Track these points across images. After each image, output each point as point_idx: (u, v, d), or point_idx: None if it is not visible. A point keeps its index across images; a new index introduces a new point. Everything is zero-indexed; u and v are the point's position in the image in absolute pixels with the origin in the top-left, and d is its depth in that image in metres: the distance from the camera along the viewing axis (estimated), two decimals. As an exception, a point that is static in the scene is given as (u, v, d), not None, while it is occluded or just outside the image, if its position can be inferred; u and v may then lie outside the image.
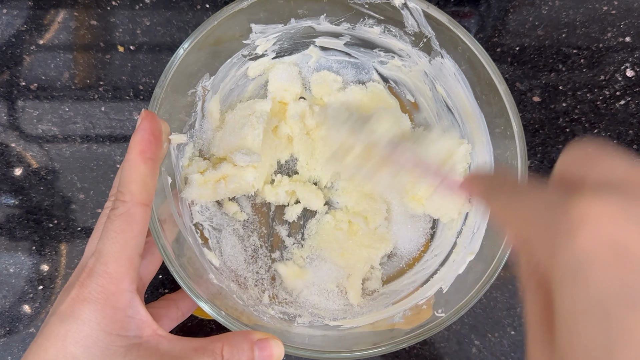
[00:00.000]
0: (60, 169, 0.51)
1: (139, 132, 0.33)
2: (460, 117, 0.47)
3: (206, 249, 0.45)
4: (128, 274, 0.31)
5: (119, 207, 0.31)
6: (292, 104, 0.49)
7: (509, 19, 0.56)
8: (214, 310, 0.36)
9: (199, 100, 0.45)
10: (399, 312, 0.42)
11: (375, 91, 0.50)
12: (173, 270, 0.36)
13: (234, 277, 0.46)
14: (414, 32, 0.44)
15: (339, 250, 0.47)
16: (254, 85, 0.50)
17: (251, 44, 0.46)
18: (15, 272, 0.49)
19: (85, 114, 0.52)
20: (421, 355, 0.48)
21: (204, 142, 0.47)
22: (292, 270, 0.46)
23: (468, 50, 0.41)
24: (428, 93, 0.49)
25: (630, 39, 0.56)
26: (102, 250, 0.31)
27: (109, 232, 0.31)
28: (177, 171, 0.44)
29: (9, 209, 0.50)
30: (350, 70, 0.52)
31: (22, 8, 0.55)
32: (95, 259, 0.31)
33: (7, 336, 0.48)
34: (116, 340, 0.30)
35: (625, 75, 0.55)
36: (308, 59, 0.51)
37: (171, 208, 0.41)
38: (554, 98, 0.54)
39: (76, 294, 0.30)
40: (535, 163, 0.53)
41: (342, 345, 0.40)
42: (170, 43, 0.54)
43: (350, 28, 0.47)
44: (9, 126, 0.52)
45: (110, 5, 0.55)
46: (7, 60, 0.53)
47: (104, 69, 0.54)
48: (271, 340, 0.33)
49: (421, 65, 0.47)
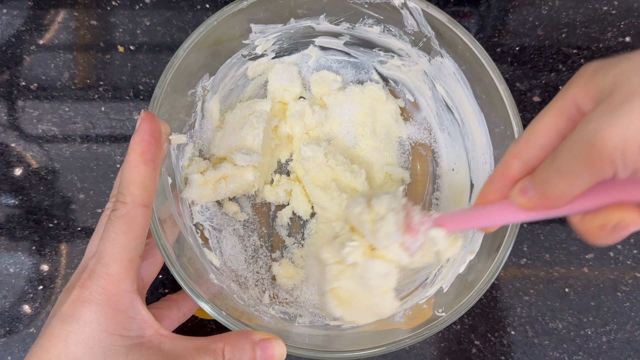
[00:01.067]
0: (60, 169, 0.51)
1: (139, 133, 0.33)
2: (460, 116, 0.47)
3: (207, 249, 0.45)
4: (129, 275, 0.31)
5: (119, 208, 0.31)
6: (292, 103, 0.49)
7: (509, 19, 0.56)
8: (214, 310, 0.36)
9: (199, 101, 0.45)
10: (399, 312, 0.42)
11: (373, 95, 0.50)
12: (174, 271, 0.36)
13: (235, 277, 0.46)
14: (413, 32, 0.44)
15: None
16: (253, 85, 0.50)
17: (251, 44, 0.46)
18: (15, 272, 0.49)
19: (85, 114, 0.52)
20: (421, 355, 0.48)
21: (204, 142, 0.47)
22: (285, 270, 0.47)
23: (468, 50, 0.41)
24: (428, 92, 0.49)
25: (630, 39, 0.56)
26: (103, 252, 0.31)
27: (109, 233, 0.31)
28: (177, 171, 0.44)
29: (9, 209, 0.50)
30: (349, 70, 0.52)
31: (22, 8, 0.55)
32: (96, 260, 0.31)
33: (7, 336, 0.48)
34: (118, 341, 0.30)
35: (625, 75, 0.55)
36: (308, 59, 0.51)
37: (171, 208, 0.41)
38: (554, 98, 0.54)
39: (77, 295, 0.30)
40: (535, 163, 0.53)
41: (343, 345, 0.40)
42: (170, 43, 0.54)
43: (350, 28, 0.47)
44: (9, 126, 0.52)
45: (110, 5, 0.55)
46: (7, 60, 0.53)
47: (104, 69, 0.54)
48: (273, 340, 0.33)
49: (421, 64, 0.47)
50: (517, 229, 0.39)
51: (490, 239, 0.41)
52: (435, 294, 0.42)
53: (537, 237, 0.51)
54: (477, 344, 0.49)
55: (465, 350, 0.48)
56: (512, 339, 0.49)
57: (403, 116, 0.51)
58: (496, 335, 0.49)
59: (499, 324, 0.49)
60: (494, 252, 0.39)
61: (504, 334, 0.49)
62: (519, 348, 0.48)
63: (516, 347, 0.49)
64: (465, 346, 0.48)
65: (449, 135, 0.49)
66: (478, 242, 0.42)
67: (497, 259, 0.38)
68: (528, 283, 0.50)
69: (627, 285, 0.50)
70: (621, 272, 0.50)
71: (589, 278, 0.50)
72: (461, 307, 0.38)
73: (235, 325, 0.36)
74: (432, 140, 0.51)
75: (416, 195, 0.50)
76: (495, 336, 0.49)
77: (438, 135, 0.50)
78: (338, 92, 0.50)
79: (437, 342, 0.48)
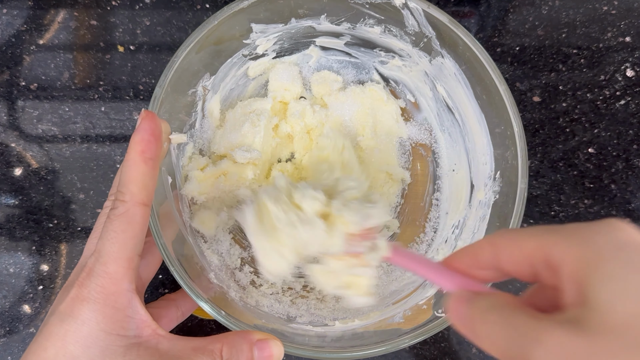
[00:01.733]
0: (60, 169, 0.51)
1: (139, 132, 0.33)
2: (461, 117, 0.47)
3: (206, 249, 0.45)
4: (127, 274, 0.31)
5: (118, 206, 0.31)
6: (293, 103, 0.49)
7: (509, 19, 0.56)
8: (214, 309, 0.36)
9: (200, 100, 0.45)
10: (399, 312, 0.42)
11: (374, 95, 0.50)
12: (173, 270, 0.36)
13: (234, 277, 0.46)
14: (414, 32, 0.44)
15: None
16: (254, 85, 0.50)
17: (251, 43, 0.46)
18: (15, 272, 0.49)
19: (85, 114, 0.52)
20: (421, 355, 0.48)
21: (204, 141, 0.47)
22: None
23: (468, 50, 0.41)
24: (428, 93, 0.49)
25: (630, 39, 0.56)
26: (102, 250, 0.31)
27: (108, 232, 0.31)
28: (178, 170, 0.44)
29: (9, 209, 0.50)
30: (350, 70, 0.52)
31: (22, 8, 0.55)
32: (95, 258, 0.31)
33: (7, 336, 0.48)
34: (116, 340, 0.30)
35: (625, 75, 0.55)
36: (308, 59, 0.51)
37: (172, 207, 0.41)
38: (554, 98, 0.54)
39: (75, 293, 0.30)
40: (535, 163, 0.53)
41: (342, 345, 0.40)
42: (170, 43, 0.54)
43: (351, 28, 0.47)
44: (9, 126, 0.52)
45: (110, 5, 0.55)
46: (7, 60, 0.53)
47: (104, 69, 0.54)
48: (270, 340, 0.33)
49: (422, 65, 0.47)
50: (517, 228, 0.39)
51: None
52: (435, 294, 0.42)
53: (537, 237, 0.51)
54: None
55: (465, 350, 0.48)
56: (512, 339, 0.49)
57: (404, 116, 0.51)
58: (496, 336, 0.49)
59: (499, 324, 0.49)
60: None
61: (504, 334, 0.49)
62: (519, 348, 0.48)
63: (516, 347, 0.48)
64: (465, 346, 0.48)
65: (450, 135, 0.49)
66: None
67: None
68: (528, 283, 0.50)
69: (627, 286, 0.50)
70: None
71: (589, 278, 0.50)
72: None
73: (235, 325, 0.36)
74: (432, 141, 0.51)
75: (416, 196, 0.50)
76: (495, 336, 0.49)
77: (439, 136, 0.50)
78: (339, 92, 0.50)
79: (437, 342, 0.48)
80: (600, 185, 0.53)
